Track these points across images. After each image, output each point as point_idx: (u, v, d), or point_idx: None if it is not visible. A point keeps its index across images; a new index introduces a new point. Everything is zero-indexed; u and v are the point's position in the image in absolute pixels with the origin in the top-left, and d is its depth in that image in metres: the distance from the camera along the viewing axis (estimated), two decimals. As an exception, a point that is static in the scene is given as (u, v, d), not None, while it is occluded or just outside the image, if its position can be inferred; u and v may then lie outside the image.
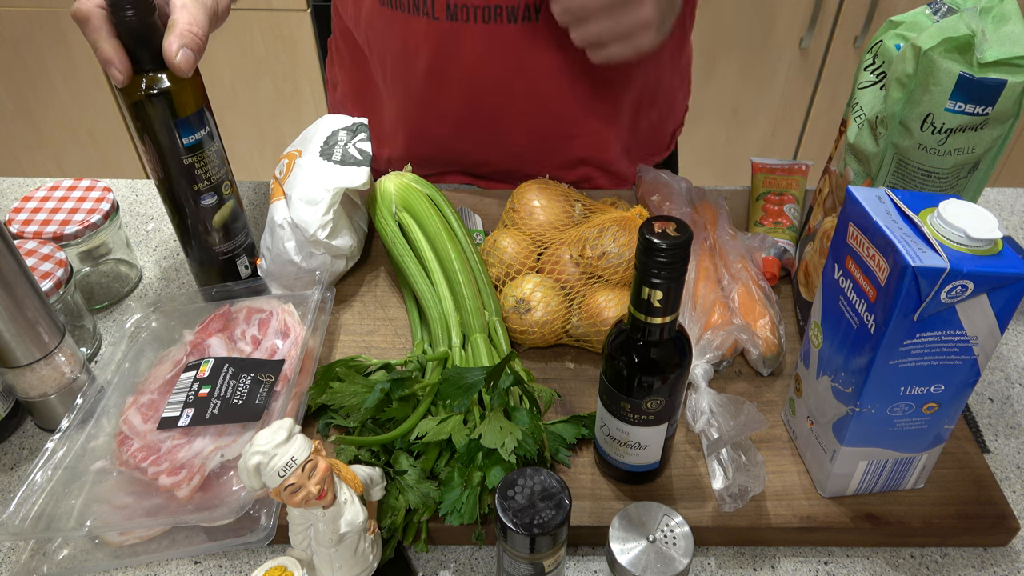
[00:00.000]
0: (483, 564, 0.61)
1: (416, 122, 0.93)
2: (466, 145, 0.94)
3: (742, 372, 0.73)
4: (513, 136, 0.92)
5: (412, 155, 0.97)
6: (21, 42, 1.88)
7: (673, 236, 0.48)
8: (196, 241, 0.76)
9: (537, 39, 0.83)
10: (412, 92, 0.90)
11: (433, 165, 0.99)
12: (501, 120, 0.90)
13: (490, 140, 0.93)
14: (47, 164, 2.15)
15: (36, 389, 0.67)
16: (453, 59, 0.85)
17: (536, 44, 0.83)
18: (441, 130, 0.93)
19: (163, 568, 0.61)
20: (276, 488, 0.49)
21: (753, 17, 1.88)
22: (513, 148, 0.94)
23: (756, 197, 0.88)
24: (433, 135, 0.94)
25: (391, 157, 0.99)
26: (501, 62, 0.84)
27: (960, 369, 0.53)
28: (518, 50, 0.83)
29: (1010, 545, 0.62)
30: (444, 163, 0.98)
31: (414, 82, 0.88)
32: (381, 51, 0.89)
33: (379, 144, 1.00)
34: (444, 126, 0.92)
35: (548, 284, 0.72)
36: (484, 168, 0.98)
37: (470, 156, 0.96)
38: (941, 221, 0.49)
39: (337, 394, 0.65)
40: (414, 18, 0.82)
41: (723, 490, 0.60)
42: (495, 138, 0.93)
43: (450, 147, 0.95)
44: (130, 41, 0.64)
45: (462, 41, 0.83)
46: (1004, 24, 0.58)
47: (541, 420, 0.64)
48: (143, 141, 0.68)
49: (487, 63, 0.85)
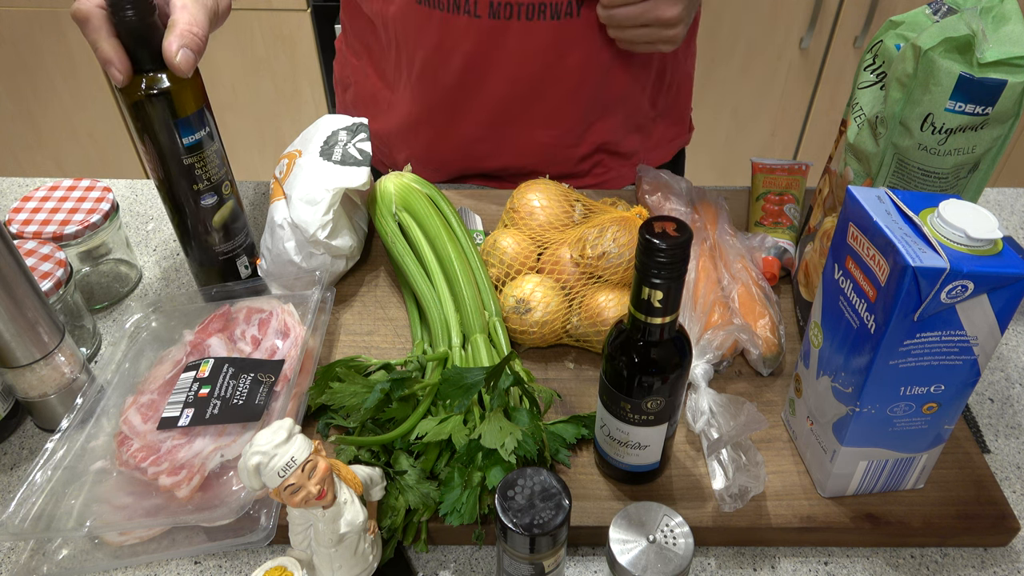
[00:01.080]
0: (483, 564, 0.61)
1: (443, 122, 0.93)
2: (490, 146, 0.94)
3: (742, 372, 0.73)
4: (539, 133, 0.92)
5: (432, 157, 0.97)
6: (21, 42, 1.88)
7: (673, 236, 0.48)
8: (196, 241, 0.76)
9: (574, 34, 0.84)
10: (443, 91, 0.90)
11: (449, 169, 0.99)
12: (530, 117, 0.91)
13: (515, 139, 0.93)
14: (47, 164, 2.15)
15: (36, 389, 0.67)
16: (491, 57, 0.85)
17: (573, 39, 0.84)
18: (468, 130, 0.93)
19: (163, 568, 0.61)
20: (276, 488, 0.49)
21: (753, 17, 1.88)
22: (536, 145, 0.94)
23: (756, 197, 0.88)
24: (459, 135, 0.94)
25: (410, 157, 0.98)
26: (540, 59, 0.85)
27: (960, 369, 0.53)
28: (557, 46, 0.84)
29: (1010, 545, 0.62)
30: (461, 167, 0.98)
31: (446, 81, 0.88)
32: (411, 50, 0.89)
33: (395, 146, 0.99)
34: (472, 126, 0.92)
35: (548, 284, 0.72)
36: (501, 171, 0.98)
37: (491, 158, 0.96)
38: (941, 221, 0.49)
39: (337, 394, 0.65)
40: (453, 16, 0.83)
41: (723, 490, 0.60)
42: (521, 136, 0.93)
43: (473, 148, 0.95)
44: (130, 41, 0.64)
45: (503, 39, 0.83)
46: (1004, 24, 0.58)
47: (541, 420, 0.64)
48: (143, 141, 0.68)
49: (526, 60, 0.85)
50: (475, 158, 0.96)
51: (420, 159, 0.97)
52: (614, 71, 0.89)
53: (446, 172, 1.00)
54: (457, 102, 0.90)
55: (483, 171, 0.99)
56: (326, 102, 1.99)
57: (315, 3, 1.83)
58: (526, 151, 0.95)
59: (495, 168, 0.98)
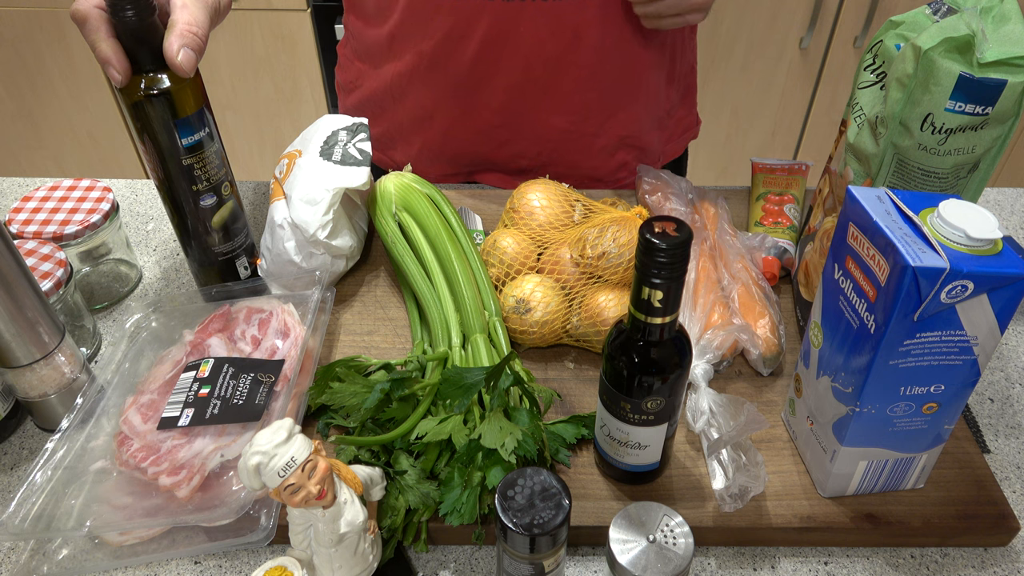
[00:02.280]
0: (483, 564, 0.61)
1: (457, 112, 0.92)
2: (507, 133, 0.93)
3: (742, 372, 0.73)
4: (556, 119, 0.91)
5: (447, 147, 0.96)
6: (21, 42, 1.88)
7: (673, 236, 0.48)
8: (195, 242, 0.76)
9: (593, 13, 0.83)
10: (456, 79, 0.89)
11: (464, 160, 0.98)
12: (547, 101, 0.89)
13: (532, 126, 0.92)
14: (47, 164, 2.15)
15: (36, 389, 0.67)
16: (507, 40, 0.84)
17: (591, 18, 0.83)
18: (483, 118, 0.92)
19: (163, 568, 0.61)
20: (276, 488, 0.49)
21: (753, 17, 1.88)
22: (554, 132, 0.93)
23: (756, 197, 0.88)
24: (474, 125, 0.93)
25: (422, 149, 0.97)
26: (557, 39, 0.84)
27: (960, 369, 0.53)
28: (575, 26, 0.83)
29: (1010, 545, 0.62)
30: (477, 159, 0.97)
31: (460, 68, 0.87)
32: (420, 40, 0.88)
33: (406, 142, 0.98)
34: (487, 113, 0.91)
35: (548, 284, 0.72)
36: (519, 161, 0.97)
37: (507, 146, 0.95)
38: (941, 221, 0.49)
39: (337, 394, 0.65)
40: (466, 0, 0.82)
41: (723, 490, 0.60)
42: (538, 123, 0.92)
43: (489, 137, 0.94)
44: (129, 41, 0.64)
45: (519, 20, 0.82)
46: (1004, 24, 0.58)
47: (541, 420, 0.64)
48: (143, 141, 0.68)
49: (543, 42, 0.84)
50: (491, 146, 0.95)
51: (434, 150, 0.96)
52: (632, 51, 0.88)
53: (460, 163, 0.98)
54: (471, 89, 0.89)
55: (499, 161, 0.97)
56: (326, 102, 1.99)
57: (315, 3, 1.83)
58: (543, 137, 0.94)
59: (511, 156, 0.96)
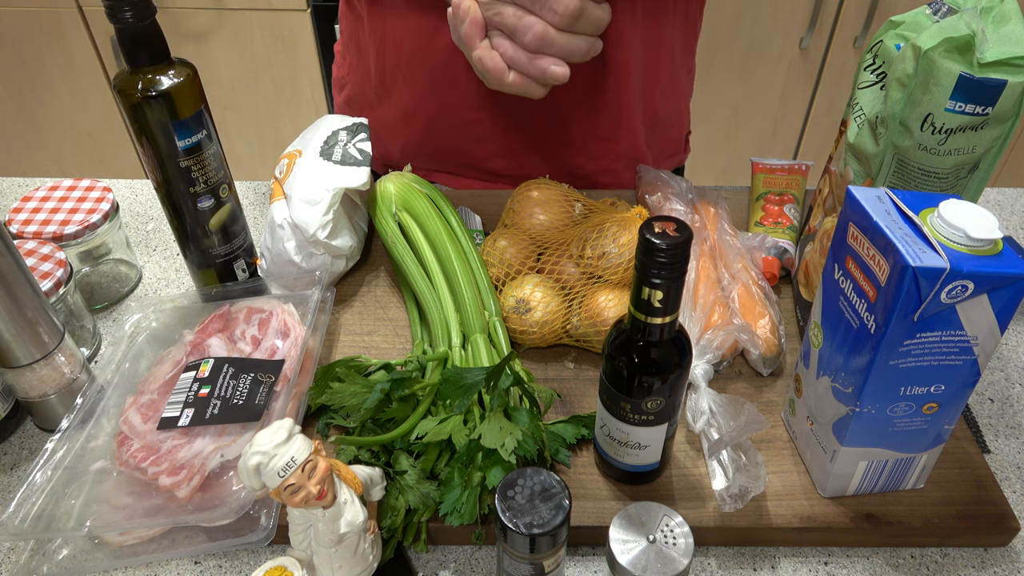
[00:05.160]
0: (483, 564, 0.61)
1: (436, 109, 0.92)
2: (485, 129, 0.93)
3: (742, 372, 0.73)
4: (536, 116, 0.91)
5: (428, 147, 0.96)
6: (21, 42, 1.88)
7: (673, 236, 0.48)
8: (194, 243, 0.76)
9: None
10: (432, 75, 0.89)
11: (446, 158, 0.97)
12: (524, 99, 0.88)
13: (512, 122, 0.92)
14: (47, 164, 2.15)
15: (36, 389, 0.67)
16: None
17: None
18: (461, 114, 0.92)
19: (163, 568, 0.61)
20: (276, 488, 0.49)
21: (753, 17, 1.88)
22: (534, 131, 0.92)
23: (756, 197, 0.88)
24: (453, 120, 0.93)
25: (405, 148, 0.97)
26: None
27: (960, 369, 0.53)
28: None
29: (1010, 545, 0.62)
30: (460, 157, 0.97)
31: (435, 62, 0.87)
32: (398, 36, 0.88)
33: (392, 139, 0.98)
34: (465, 109, 0.91)
35: (548, 284, 0.72)
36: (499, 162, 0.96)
37: (488, 142, 0.94)
38: (941, 221, 0.49)
39: (337, 394, 0.65)
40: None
41: (723, 491, 0.60)
42: (517, 119, 0.91)
43: (469, 132, 0.94)
44: (129, 42, 0.64)
45: None
46: (1004, 24, 0.58)
47: (541, 420, 0.64)
48: (141, 143, 0.68)
49: None
50: (472, 144, 0.95)
51: (417, 147, 0.96)
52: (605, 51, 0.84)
53: (444, 160, 0.98)
54: (447, 84, 0.89)
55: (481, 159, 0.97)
56: (326, 102, 1.99)
57: (315, 3, 1.83)
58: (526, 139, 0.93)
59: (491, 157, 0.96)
